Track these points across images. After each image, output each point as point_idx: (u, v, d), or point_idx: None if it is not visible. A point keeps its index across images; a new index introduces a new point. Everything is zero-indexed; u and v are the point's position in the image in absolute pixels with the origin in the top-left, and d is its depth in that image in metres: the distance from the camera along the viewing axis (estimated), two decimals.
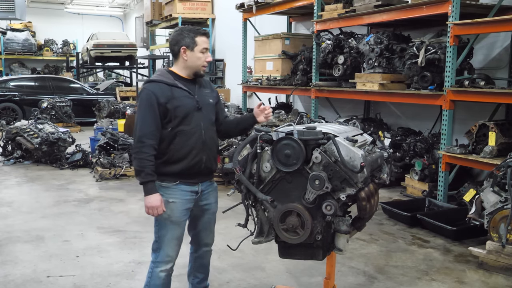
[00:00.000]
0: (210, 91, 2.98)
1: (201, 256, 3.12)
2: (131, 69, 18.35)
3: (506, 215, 3.95)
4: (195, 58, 2.81)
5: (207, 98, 2.92)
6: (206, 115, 2.87)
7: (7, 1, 16.46)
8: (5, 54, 20.45)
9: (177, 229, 2.85)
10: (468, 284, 3.78)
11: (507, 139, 5.25)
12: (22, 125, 8.62)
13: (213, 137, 2.93)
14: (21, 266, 4.04)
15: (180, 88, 2.80)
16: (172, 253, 2.88)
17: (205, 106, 2.88)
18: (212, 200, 3.01)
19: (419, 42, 6.07)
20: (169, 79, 2.81)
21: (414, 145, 6.45)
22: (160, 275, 2.87)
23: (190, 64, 2.83)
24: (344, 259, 4.17)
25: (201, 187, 2.90)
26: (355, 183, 2.45)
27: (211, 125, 2.92)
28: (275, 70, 8.98)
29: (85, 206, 5.89)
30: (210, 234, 3.09)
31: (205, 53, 2.83)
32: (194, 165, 2.80)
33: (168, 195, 2.80)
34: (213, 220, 3.08)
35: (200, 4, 14.16)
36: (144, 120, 2.72)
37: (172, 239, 2.85)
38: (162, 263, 2.87)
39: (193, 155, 2.79)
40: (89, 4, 24.43)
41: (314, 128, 2.53)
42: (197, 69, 2.84)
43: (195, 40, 2.80)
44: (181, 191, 2.82)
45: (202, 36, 2.82)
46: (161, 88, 2.76)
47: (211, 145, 2.90)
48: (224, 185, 6.76)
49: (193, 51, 2.80)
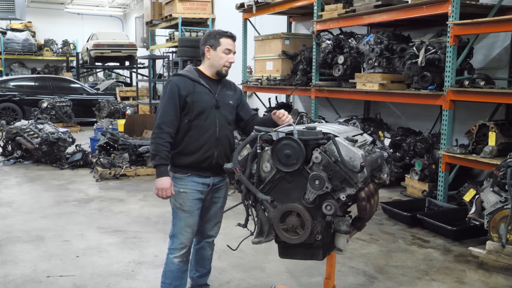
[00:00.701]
0: (233, 93, 3.13)
1: (202, 247, 3.24)
2: (131, 69, 18.36)
3: (506, 215, 3.96)
4: (218, 57, 2.98)
5: (228, 99, 3.07)
6: (223, 114, 3.02)
7: (7, 1, 16.45)
8: (5, 54, 20.44)
9: (190, 218, 3.00)
10: (468, 284, 3.79)
11: (507, 139, 5.25)
12: (22, 125, 8.63)
13: (227, 135, 3.05)
14: (21, 266, 4.04)
15: (202, 85, 2.98)
16: (185, 240, 3.02)
17: (224, 105, 3.03)
18: (222, 195, 3.15)
19: (419, 42, 6.07)
20: (194, 75, 3.00)
21: (414, 145, 6.45)
22: (174, 261, 3.03)
23: (213, 63, 3.01)
24: (344, 259, 4.17)
25: (213, 181, 3.04)
26: (355, 183, 2.45)
27: (227, 124, 3.06)
28: (275, 70, 8.98)
29: (85, 206, 5.89)
30: (215, 227, 3.21)
31: (228, 54, 2.99)
32: (205, 159, 2.96)
33: (180, 185, 2.98)
34: (219, 214, 3.20)
35: (200, 4, 14.16)
36: (165, 109, 2.92)
37: (185, 226, 3.00)
38: (176, 250, 3.03)
39: (205, 149, 2.95)
40: (89, 4, 24.41)
41: (314, 128, 2.53)
42: (219, 68, 3.00)
43: (219, 41, 2.98)
44: (193, 182, 2.98)
45: (227, 38, 3.00)
46: (184, 81, 2.96)
47: (225, 143, 3.02)
48: None
49: (216, 51, 2.98)
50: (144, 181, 7.25)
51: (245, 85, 10.17)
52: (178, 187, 2.98)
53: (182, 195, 2.98)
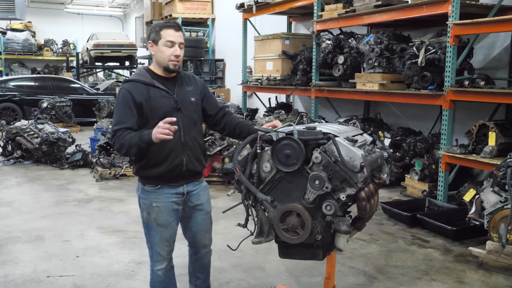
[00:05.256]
0: (193, 88, 2.85)
1: (201, 258, 3.07)
2: (131, 69, 18.33)
3: (506, 215, 3.95)
4: (160, 52, 2.69)
5: (189, 97, 2.79)
6: (186, 115, 2.75)
7: (7, 1, 16.45)
8: (5, 54, 20.45)
9: (166, 231, 2.79)
10: (468, 284, 3.78)
11: (507, 139, 5.25)
12: (22, 125, 8.62)
13: (195, 137, 2.80)
14: (21, 266, 4.04)
15: (157, 88, 2.70)
16: (164, 253, 2.83)
17: (186, 105, 2.76)
18: (204, 200, 2.92)
19: (419, 42, 6.07)
20: (146, 78, 2.72)
21: (414, 145, 6.45)
22: (158, 273, 2.87)
23: (157, 59, 2.73)
24: (344, 259, 4.17)
25: (187, 188, 2.82)
26: (355, 183, 2.44)
27: (193, 125, 2.80)
28: (275, 70, 8.99)
29: (85, 206, 5.89)
30: (207, 234, 3.01)
31: (171, 46, 2.68)
32: (174, 168, 2.72)
33: (152, 199, 2.75)
34: (208, 220, 2.99)
35: (200, 4, 14.17)
36: (120, 116, 2.64)
37: (161, 240, 2.80)
38: (157, 263, 2.85)
39: (172, 157, 2.70)
40: (89, 4, 24.43)
41: (314, 128, 2.52)
42: (165, 64, 2.71)
43: (159, 34, 2.69)
44: (164, 194, 2.75)
45: (168, 29, 2.68)
46: (137, 87, 2.68)
47: (193, 146, 2.79)
48: (224, 185, 6.78)
49: (158, 45, 2.70)
50: None
51: (245, 85, 10.18)
52: (150, 200, 2.73)
53: (155, 209, 2.73)
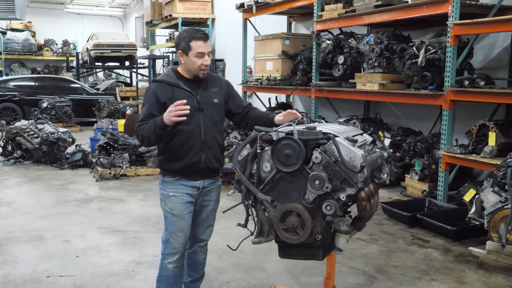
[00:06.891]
0: (217, 90, 2.99)
1: (194, 252, 3.16)
2: (131, 69, 18.35)
3: (506, 215, 3.95)
4: (191, 62, 2.85)
5: (212, 98, 2.94)
6: (207, 115, 2.91)
7: (7, 1, 16.44)
8: (5, 54, 20.43)
9: (180, 222, 2.93)
10: (468, 284, 3.78)
11: (507, 139, 5.25)
12: (22, 125, 8.63)
13: (214, 136, 2.95)
14: (21, 266, 4.04)
15: (182, 89, 2.87)
16: (177, 245, 2.95)
17: (208, 106, 2.91)
18: (213, 198, 3.06)
19: (419, 42, 6.06)
20: (172, 79, 2.89)
21: (414, 145, 6.45)
22: (168, 267, 2.98)
23: (188, 68, 2.89)
24: (344, 259, 4.17)
25: (203, 184, 2.96)
26: (355, 183, 2.44)
27: (214, 125, 2.94)
28: (275, 70, 8.98)
29: (85, 206, 5.89)
30: (207, 230, 3.13)
31: (202, 57, 2.83)
32: (192, 164, 2.88)
33: (170, 189, 2.92)
34: (211, 217, 3.11)
35: (200, 4, 14.16)
36: (144, 115, 2.87)
37: (176, 231, 2.93)
38: (169, 255, 2.97)
39: (191, 154, 2.87)
40: (89, 4, 24.41)
41: (314, 128, 2.52)
42: (195, 72, 2.88)
43: (189, 45, 2.82)
44: (181, 185, 2.91)
45: (197, 41, 2.81)
46: (162, 88, 2.87)
47: (212, 145, 2.93)
48: (224, 185, 6.78)
49: (188, 56, 2.84)
50: (144, 181, 7.25)
51: (245, 85, 10.17)
52: (168, 190, 2.92)
53: (171, 199, 2.91)
